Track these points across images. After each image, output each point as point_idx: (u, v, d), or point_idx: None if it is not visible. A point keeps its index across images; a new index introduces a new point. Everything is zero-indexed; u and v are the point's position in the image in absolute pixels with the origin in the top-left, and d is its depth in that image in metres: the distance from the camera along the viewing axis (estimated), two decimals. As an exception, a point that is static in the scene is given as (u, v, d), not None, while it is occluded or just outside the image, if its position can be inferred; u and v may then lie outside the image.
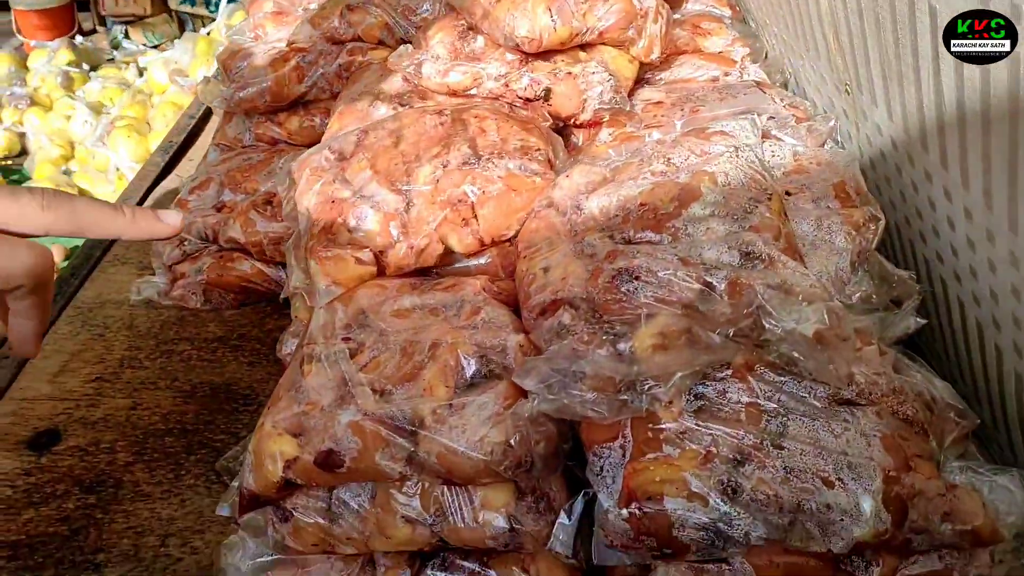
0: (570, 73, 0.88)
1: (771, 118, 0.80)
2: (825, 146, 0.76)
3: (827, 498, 0.47)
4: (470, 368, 0.58)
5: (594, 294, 0.56)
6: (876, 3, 0.63)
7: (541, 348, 0.58)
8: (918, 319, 0.61)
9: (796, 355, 0.51)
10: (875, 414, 0.50)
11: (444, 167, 0.71)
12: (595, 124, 0.90)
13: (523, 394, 0.56)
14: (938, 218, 0.65)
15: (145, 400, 0.85)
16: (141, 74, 2.91)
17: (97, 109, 2.59)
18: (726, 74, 0.97)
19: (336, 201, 0.71)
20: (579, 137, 0.91)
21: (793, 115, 0.82)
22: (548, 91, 0.88)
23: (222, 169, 1.03)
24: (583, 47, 0.92)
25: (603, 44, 0.92)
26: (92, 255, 1.07)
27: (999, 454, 0.69)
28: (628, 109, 0.89)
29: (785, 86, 1.00)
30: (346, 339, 0.64)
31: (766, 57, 1.04)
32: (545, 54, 0.89)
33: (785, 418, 0.50)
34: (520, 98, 0.89)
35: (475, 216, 0.70)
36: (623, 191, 0.62)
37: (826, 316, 0.50)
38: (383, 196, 0.70)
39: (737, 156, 0.62)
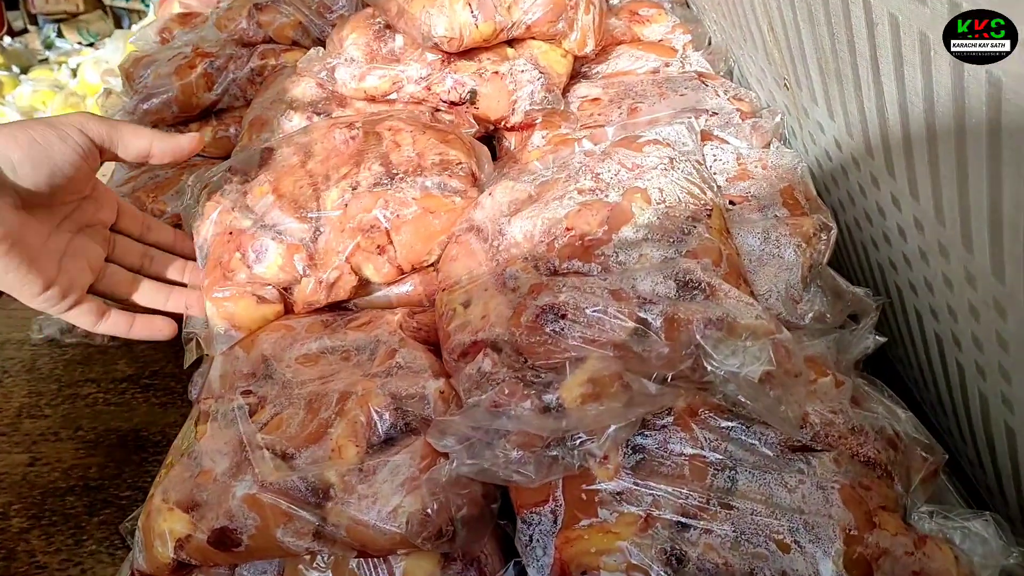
0: (497, 72, 0.81)
1: (714, 114, 0.74)
2: (771, 145, 0.70)
3: (782, 564, 0.42)
4: (383, 423, 0.52)
5: (517, 335, 0.50)
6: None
7: (461, 395, 0.52)
8: (877, 337, 0.56)
9: (742, 399, 0.45)
10: (833, 461, 0.45)
11: (353, 189, 0.63)
12: (527, 127, 0.83)
13: (443, 452, 0.49)
14: (888, 226, 0.60)
15: (45, 454, 0.77)
16: (74, 75, 2.76)
17: (29, 114, 2.44)
18: (667, 65, 0.91)
19: (234, 232, 0.63)
20: (511, 141, 0.85)
21: (738, 109, 0.76)
22: (474, 93, 0.81)
23: (127, 190, 0.94)
24: (510, 43, 0.85)
25: (532, 39, 0.85)
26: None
27: (969, 469, 0.64)
28: (563, 108, 0.83)
29: (730, 75, 0.94)
30: (246, 392, 0.56)
31: (709, 44, 0.98)
32: (469, 52, 0.82)
33: (733, 471, 0.44)
34: (444, 102, 0.82)
35: (391, 242, 0.63)
36: (548, 213, 0.55)
37: (773, 355, 0.44)
38: (287, 224, 0.63)
39: (672, 168, 0.56)
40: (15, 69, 2.76)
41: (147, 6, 3.10)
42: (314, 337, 0.59)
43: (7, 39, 3.11)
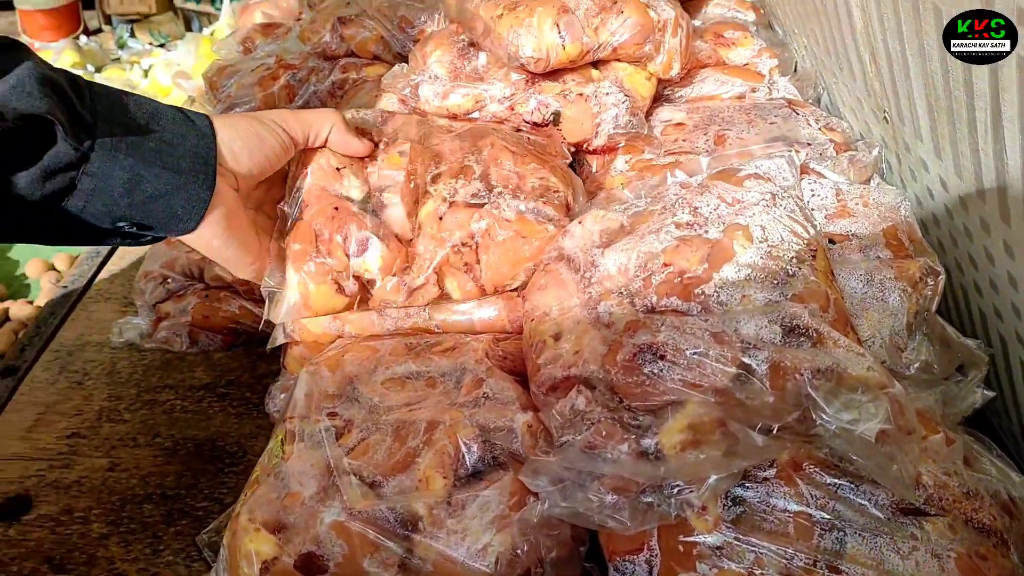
0: (581, 94, 0.80)
1: (807, 145, 0.72)
2: (872, 181, 0.68)
3: (894, 634, 0.40)
4: (472, 455, 0.51)
5: (613, 374, 0.49)
6: (920, 27, 0.55)
7: (551, 431, 0.51)
8: (986, 391, 0.53)
9: (853, 456, 0.43)
10: (947, 527, 0.43)
11: (451, 200, 0.63)
12: (610, 150, 0.82)
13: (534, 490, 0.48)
14: (996, 273, 0.57)
15: (124, 460, 0.78)
16: (146, 75, 2.84)
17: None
18: (753, 90, 0.89)
19: (341, 209, 0.61)
20: (593, 164, 0.84)
21: (831, 140, 0.74)
22: (557, 115, 0.80)
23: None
24: (595, 64, 0.84)
25: (617, 60, 0.84)
26: (73, 291, 1.00)
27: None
28: (646, 132, 0.81)
29: (818, 102, 0.91)
30: (331, 414, 0.56)
31: (796, 69, 0.95)
32: (554, 73, 0.81)
33: (842, 532, 0.43)
34: (527, 122, 0.81)
35: (478, 261, 0.62)
36: (644, 246, 0.54)
37: (890, 412, 0.42)
38: (398, 214, 0.62)
39: (775, 205, 0.54)
40: (90, 68, 2.85)
41: (217, 9, 3.17)
42: (399, 361, 0.59)
43: (83, 38, 3.21)
